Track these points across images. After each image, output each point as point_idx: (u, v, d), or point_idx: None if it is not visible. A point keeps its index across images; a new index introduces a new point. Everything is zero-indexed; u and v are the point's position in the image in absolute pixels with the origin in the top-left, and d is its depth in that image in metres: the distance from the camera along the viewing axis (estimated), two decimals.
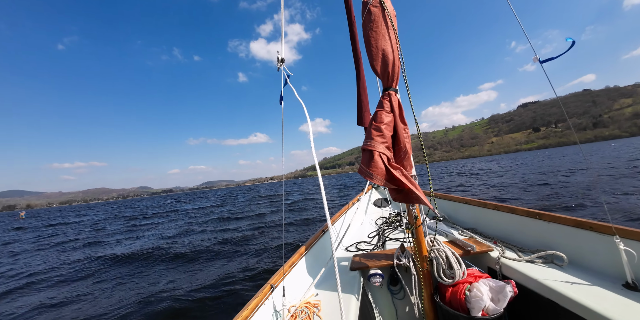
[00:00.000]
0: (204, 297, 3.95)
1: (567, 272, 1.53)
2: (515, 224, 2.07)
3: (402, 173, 1.59)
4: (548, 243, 1.80)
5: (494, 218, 2.30)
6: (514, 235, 2.07)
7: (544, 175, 15.47)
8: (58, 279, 5.76)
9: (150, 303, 3.90)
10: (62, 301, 4.31)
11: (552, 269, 1.58)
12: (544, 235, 1.83)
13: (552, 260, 1.67)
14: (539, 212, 1.87)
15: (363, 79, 2.34)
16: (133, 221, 17.68)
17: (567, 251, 1.64)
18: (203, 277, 4.86)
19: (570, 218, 1.67)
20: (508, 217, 2.14)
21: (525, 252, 1.85)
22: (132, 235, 11.10)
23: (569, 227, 1.68)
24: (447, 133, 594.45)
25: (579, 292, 1.30)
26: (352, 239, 2.81)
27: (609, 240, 1.42)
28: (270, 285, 1.51)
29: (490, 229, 2.34)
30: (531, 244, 1.91)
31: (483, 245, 1.94)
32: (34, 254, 9.17)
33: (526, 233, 1.98)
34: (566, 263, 1.60)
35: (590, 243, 1.56)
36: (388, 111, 1.63)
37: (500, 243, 2.02)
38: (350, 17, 2.25)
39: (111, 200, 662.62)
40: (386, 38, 1.54)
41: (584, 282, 1.39)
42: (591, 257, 1.55)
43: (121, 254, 7.37)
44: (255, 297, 1.39)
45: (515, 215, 2.07)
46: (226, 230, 9.76)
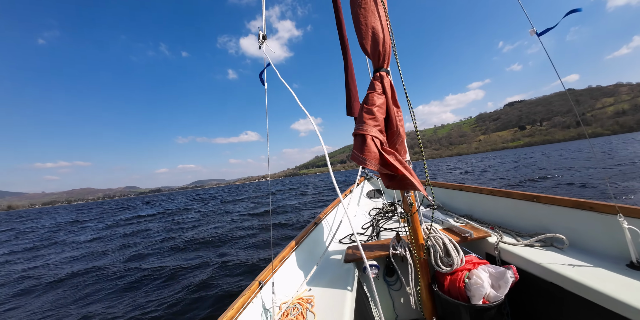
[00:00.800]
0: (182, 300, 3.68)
1: (568, 254, 1.49)
2: (512, 208, 2.03)
3: (396, 158, 1.52)
4: (547, 226, 1.77)
5: (489, 203, 2.27)
6: (511, 220, 2.04)
7: (544, 171, 15.66)
8: None
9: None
10: None
11: (553, 252, 1.54)
12: (542, 219, 1.80)
13: (552, 244, 1.63)
14: (536, 195, 1.83)
15: (351, 67, 2.27)
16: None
17: (567, 233, 1.60)
18: (179, 280, 4.52)
19: (569, 199, 1.64)
20: (504, 201, 2.11)
21: (524, 237, 1.81)
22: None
23: (568, 208, 1.64)
24: (436, 131, 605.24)
25: (582, 274, 1.26)
26: (345, 231, 2.75)
27: (612, 219, 1.39)
28: (259, 282, 1.42)
29: (487, 214, 2.30)
30: (529, 228, 1.88)
31: (480, 231, 1.90)
32: None
33: (524, 217, 1.94)
34: (567, 245, 1.56)
35: (591, 224, 1.52)
36: (380, 93, 1.56)
37: (498, 228, 1.99)
38: (336, 2, 2.17)
39: (97, 200, 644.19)
40: (375, 15, 1.47)
41: (587, 264, 1.36)
42: (593, 238, 1.52)
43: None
44: (242, 295, 1.29)
45: (511, 199, 2.03)
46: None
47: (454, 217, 2.49)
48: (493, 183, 12.47)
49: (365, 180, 4.84)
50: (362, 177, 4.77)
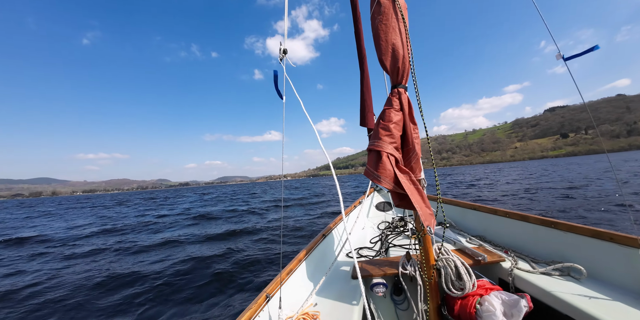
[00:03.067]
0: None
1: (585, 285, 1.45)
2: (528, 233, 1.99)
3: (410, 178, 1.52)
4: (564, 254, 1.72)
5: (504, 226, 2.22)
6: (527, 245, 1.99)
7: (573, 184, 14.60)
8: None
9: None
10: None
11: (570, 282, 1.51)
12: (560, 246, 1.76)
13: (569, 273, 1.59)
14: (554, 221, 1.79)
15: (367, 78, 2.29)
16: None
17: (586, 263, 1.56)
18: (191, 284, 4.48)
19: (588, 228, 1.60)
20: (520, 225, 2.06)
21: (540, 264, 1.77)
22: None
23: (587, 237, 1.60)
24: (467, 136, 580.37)
25: (599, 307, 1.23)
26: (354, 244, 2.76)
27: (633, 252, 1.36)
28: (266, 295, 1.45)
29: (501, 237, 2.26)
30: (546, 255, 1.83)
31: (494, 255, 1.87)
32: None
33: (540, 243, 1.90)
34: (585, 276, 1.52)
35: (611, 255, 1.48)
36: (397, 109, 1.57)
37: (512, 253, 1.95)
38: (356, 12, 2.20)
39: (131, 191, 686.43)
40: (396, 31, 1.48)
41: (605, 297, 1.32)
42: (612, 270, 1.48)
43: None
44: (248, 308, 1.33)
45: (527, 223, 1.99)
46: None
47: (466, 237, 2.45)
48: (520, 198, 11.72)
49: (375, 191, 4.83)
50: (371, 188, 4.74)
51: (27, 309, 3.88)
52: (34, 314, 3.76)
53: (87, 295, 4.22)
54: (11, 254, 7.66)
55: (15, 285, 4.93)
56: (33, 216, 21.91)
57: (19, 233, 11.84)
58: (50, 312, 3.77)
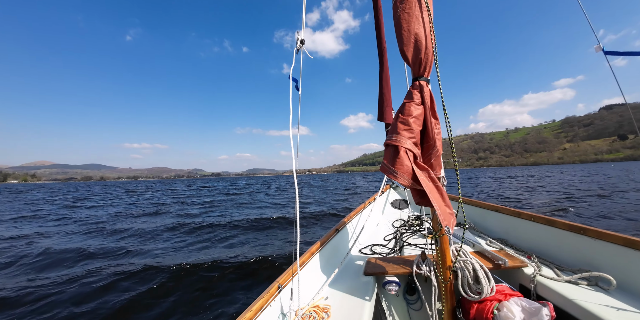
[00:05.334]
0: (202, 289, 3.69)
1: (614, 296, 1.38)
2: (554, 238, 1.90)
3: (428, 175, 1.48)
4: (592, 262, 1.63)
5: (528, 229, 2.13)
6: (552, 251, 1.91)
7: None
8: None
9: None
10: None
11: (597, 293, 1.43)
12: (588, 254, 1.67)
13: (597, 283, 1.51)
14: (584, 227, 1.70)
15: (387, 71, 2.25)
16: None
17: (616, 273, 1.47)
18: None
19: (620, 236, 1.51)
20: (545, 229, 1.97)
21: (565, 271, 1.69)
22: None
23: (619, 246, 1.51)
24: (508, 135, 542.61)
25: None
26: (367, 240, 2.77)
27: None
28: (278, 285, 1.49)
29: (524, 241, 2.17)
30: (572, 262, 1.75)
31: (516, 260, 1.80)
32: None
33: (567, 249, 1.81)
34: (614, 287, 1.43)
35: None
36: (418, 103, 1.52)
37: (536, 258, 1.86)
38: (377, 2, 2.14)
39: (169, 179, 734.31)
40: (420, 21, 1.44)
41: (635, 310, 1.25)
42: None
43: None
44: (260, 297, 1.38)
45: (553, 228, 1.90)
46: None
47: (486, 239, 2.38)
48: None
49: (391, 188, 4.76)
50: (387, 184, 4.70)
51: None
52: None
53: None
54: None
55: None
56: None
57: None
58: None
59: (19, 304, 3.46)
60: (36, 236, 7.47)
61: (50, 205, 17.54)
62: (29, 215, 12.21)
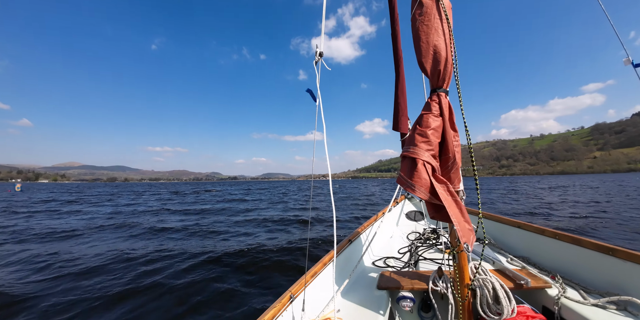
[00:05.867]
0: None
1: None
2: (580, 258, 1.82)
3: (447, 189, 1.44)
4: (622, 285, 1.55)
5: (552, 248, 2.05)
6: (578, 271, 1.82)
7: None
8: None
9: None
10: None
11: (626, 318, 1.36)
12: (617, 276, 1.59)
13: (626, 307, 1.42)
14: (612, 247, 1.63)
15: (403, 80, 2.23)
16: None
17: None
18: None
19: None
20: (571, 248, 1.89)
21: (592, 294, 1.61)
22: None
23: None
24: (532, 142, 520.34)
25: None
26: (380, 252, 2.72)
27: None
28: (290, 295, 1.49)
29: (547, 260, 2.08)
30: (600, 285, 1.66)
31: (539, 280, 1.72)
32: None
33: (594, 270, 1.73)
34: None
35: None
36: (436, 115, 1.50)
37: (560, 279, 1.78)
38: (394, 13, 2.14)
39: (188, 181, 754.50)
40: (439, 32, 1.42)
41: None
42: None
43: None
44: (272, 306, 1.38)
45: (580, 247, 1.82)
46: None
47: (507, 257, 2.29)
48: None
49: (406, 199, 4.65)
50: (402, 195, 4.61)
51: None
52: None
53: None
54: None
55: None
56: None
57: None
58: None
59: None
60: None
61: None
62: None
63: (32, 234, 7.97)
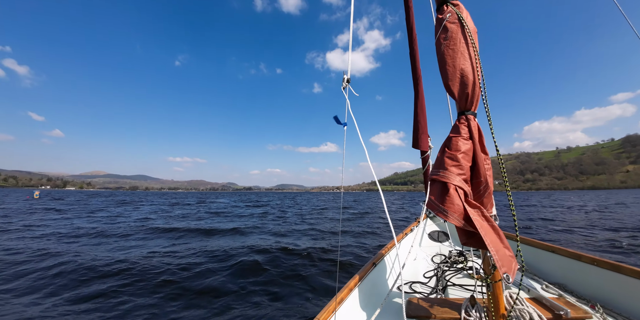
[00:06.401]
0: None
1: None
2: (621, 286, 1.72)
3: (481, 214, 1.39)
4: None
5: (590, 274, 1.95)
6: (619, 300, 1.72)
7: None
8: None
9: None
10: None
11: None
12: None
13: None
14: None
15: (422, 99, 2.22)
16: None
17: None
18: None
19: None
20: (610, 275, 1.79)
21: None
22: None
23: None
24: (559, 155, 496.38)
25: None
26: (405, 276, 2.63)
27: None
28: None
29: (586, 288, 1.97)
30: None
31: (578, 310, 1.62)
32: None
33: (636, 299, 1.63)
34: None
35: None
36: (466, 138, 1.47)
37: (601, 308, 1.68)
38: (412, 34, 2.17)
39: (205, 191, 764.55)
40: (465, 56, 1.42)
41: None
42: None
43: None
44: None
45: (619, 274, 1.73)
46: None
47: (542, 284, 2.17)
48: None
49: (428, 218, 4.44)
50: (425, 213, 4.38)
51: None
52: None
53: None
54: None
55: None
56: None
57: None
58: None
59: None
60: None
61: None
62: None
63: None
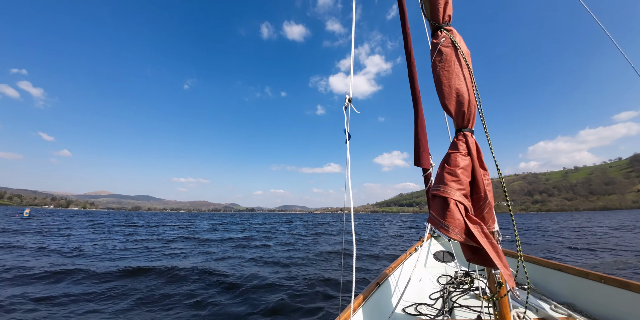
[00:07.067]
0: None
1: None
2: (631, 305, 1.68)
3: (481, 230, 1.40)
4: None
5: (599, 293, 1.91)
6: (630, 319, 1.67)
7: None
8: None
9: None
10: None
11: None
12: None
13: None
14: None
15: (422, 118, 2.29)
16: None
17: None
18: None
19: None
20: (619, 293, 1.76)
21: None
22: None
23: None
24: (566, 175, 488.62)
25: None
26: (411, 297, 2.56)
27: None
28: None
29: (596, 307, 1.93)
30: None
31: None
32: None
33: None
34: None
35: None
36: (464, 154, 1.51)
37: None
38: (410, 57, 2.28)
39: (207, 212, 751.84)
40: (460, 77, 1.50)
41: None
42: None
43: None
44: None
45: (629, 291, 1.69)
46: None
47: (550, 304, 2.13)
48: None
49: (432, 237, 4.34)
50: (429, 233, 4.30)
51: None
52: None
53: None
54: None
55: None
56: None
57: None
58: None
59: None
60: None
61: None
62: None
63: None
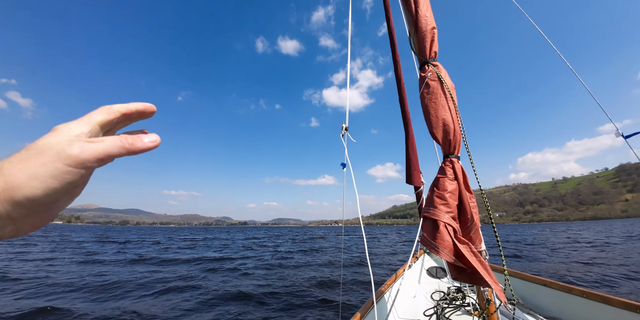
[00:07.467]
0: None
1: None
2: (613, 318, 1.76)
3: (470, 250, 1.50)
4: None
5: (582, 307, 2.01)
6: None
7: None
8: None
9: None
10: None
11: None
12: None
13: None
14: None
15: (412, 138, 2.44)
16: None
17: None
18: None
19: None
20: (600, 308, 1.86)
21: None
22: None
23: None
24: (555, 185, 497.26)
25: None
26: (405, 314, 2.63)
27: None
28: None
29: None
30: None
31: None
32: None
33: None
34: None
35: None
36: (451, 179, 1.64)
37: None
38: (400, 84, 2.47)
39: (198, 226, 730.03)
40: (446, 108, 1.64)
41: None
42: None
43: None
44: None
45: (610, 306, 1.79)
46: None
47: (538, 318, 2.23)
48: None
49: (425, 253, 4.41)
50: (421, 249, 4.39)
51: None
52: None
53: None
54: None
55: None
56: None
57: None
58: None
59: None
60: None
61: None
62: None
63: None
